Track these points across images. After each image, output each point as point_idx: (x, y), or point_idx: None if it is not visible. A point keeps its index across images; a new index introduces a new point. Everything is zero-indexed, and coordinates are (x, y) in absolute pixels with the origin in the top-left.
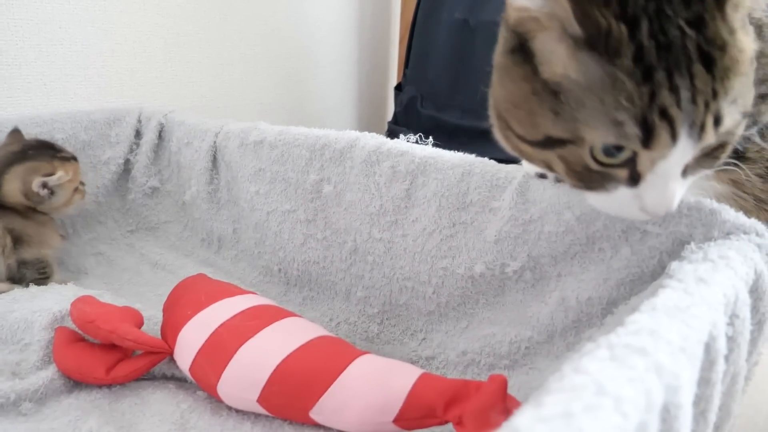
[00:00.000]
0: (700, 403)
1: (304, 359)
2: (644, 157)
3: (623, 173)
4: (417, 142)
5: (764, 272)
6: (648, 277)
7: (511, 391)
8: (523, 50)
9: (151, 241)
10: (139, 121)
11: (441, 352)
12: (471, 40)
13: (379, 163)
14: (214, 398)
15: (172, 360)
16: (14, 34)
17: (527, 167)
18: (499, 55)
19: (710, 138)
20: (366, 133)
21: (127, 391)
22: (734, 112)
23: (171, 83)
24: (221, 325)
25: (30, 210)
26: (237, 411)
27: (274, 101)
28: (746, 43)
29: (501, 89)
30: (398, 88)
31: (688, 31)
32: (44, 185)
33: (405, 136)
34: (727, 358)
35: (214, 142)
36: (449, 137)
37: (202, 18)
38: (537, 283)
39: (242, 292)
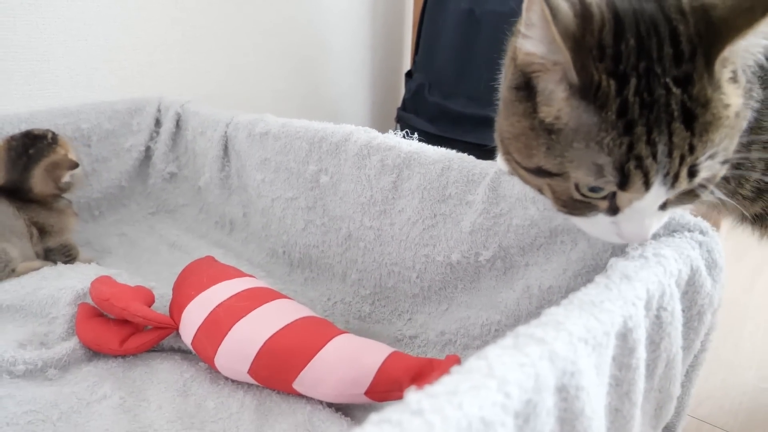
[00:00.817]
0: (622, 385)
1: (288, 337)
2: (623, 197)
3: (604, 204)
4: (404, 137)
5: (701, 268)
6: (601, 269)
7: None
8: (527, 87)
9: (169, 223)
10: (159, 111)
11: (423, 331)
12: (476, 30)
13: (369, 156)
14: (213, 369)
15: (178, 334)
16: (43, 32)
17: (500, 164)
18: (505, 89)
19: (683, 186)
20: (359, 127)
21: (139, 361)
22: (712, 164)
23: (189, 73)
24: (219, 305)
25: (54, 198)
26: (232, 381)
27: (287, 88)
28: (733, 97)
29: (504, 120)
30: (409, 75)
31: (674, 89)
32: (71, 175)
33: (393, 132)
34: (658, 346)
35: (225, 132)
36: (454, 124)
37: (217, 10)
38: (508, 271)
39: (240, 275)
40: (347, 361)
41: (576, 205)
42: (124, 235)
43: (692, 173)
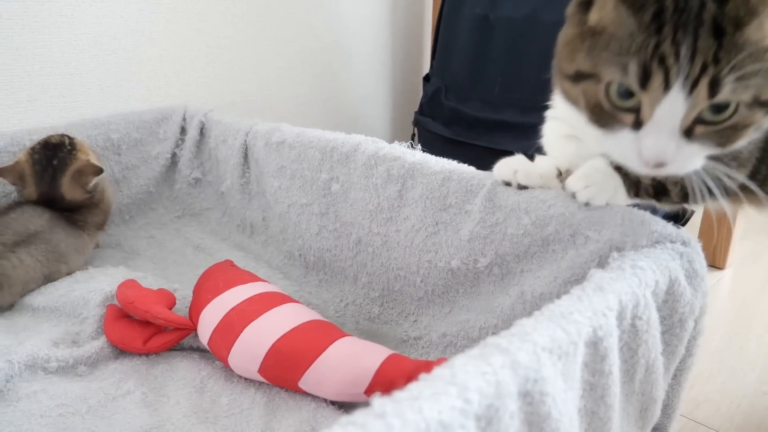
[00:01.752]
0: (596, 389)
1: (294, 339)
2: (645, 103)
3: (629, 118)
4: (410, 146)
5: (680, 278)
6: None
7: None
8: (588, 3)
9: (194, 226)
10: (184, 119)
11: (426, 333)
12: (490, 35)
13: (376, 166)
14: (227, 368)
15: (197, 335)
16: (75, 48)
17: (497, 175)
18: (572, 5)
19: (702, 97)
20: (368, 138)
21: (160, 359)
22: (740, 90)
23: (213, 82)
24: (232, 308)
25: (89, 198)
26: (245, 379)
27: (309, 94)
28: None
29: (562, 33)
30: (427, 79)
31: (709, 2)
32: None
33: (399, 143)
34: (635, 352)
35: (245, 140)
36: (469, 128)
37: (239, 21)
38: (504, 277)
39: (254, 279)
40: (348, 362)
41: (604, 116)
42: (153, 238)
43: (714, 87)
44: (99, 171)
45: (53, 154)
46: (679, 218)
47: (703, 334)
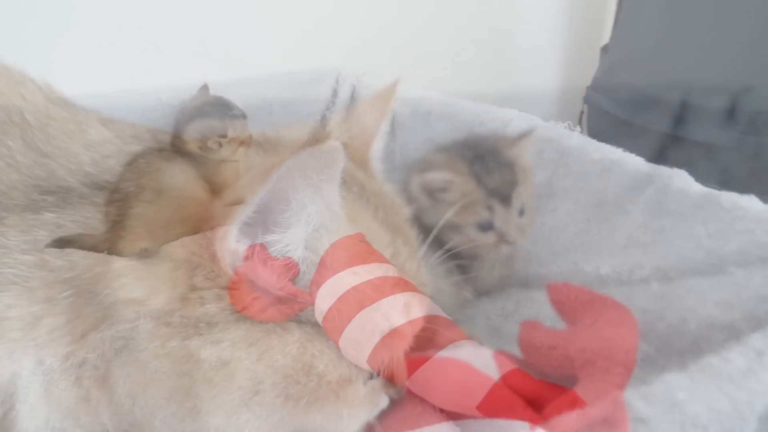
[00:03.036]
0: None
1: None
2: None
3: None
4: (568, 127)
5: None
6: None
7: None
8: None
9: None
10: (337, 82)
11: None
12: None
13: (527, 147)
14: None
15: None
16: (238, 5)
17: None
18: None
19: None
20: (522, 113)
21: (277, 329)
22: None
23: (370, 46)
24: (349, 289)
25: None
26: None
27: (471, 61)
28: None
29: None
30: (605, 50)
31: None
32: (218, 143)
33: (556, 122)
34: None
35: (393, 107)
36: (651, 110)
37: None
38: (664, 297)
39: (379, 260)
40: (463, 370)
41: None
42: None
43: None
44: (223, 135)
45: (215, 105)
46: None
47: None
